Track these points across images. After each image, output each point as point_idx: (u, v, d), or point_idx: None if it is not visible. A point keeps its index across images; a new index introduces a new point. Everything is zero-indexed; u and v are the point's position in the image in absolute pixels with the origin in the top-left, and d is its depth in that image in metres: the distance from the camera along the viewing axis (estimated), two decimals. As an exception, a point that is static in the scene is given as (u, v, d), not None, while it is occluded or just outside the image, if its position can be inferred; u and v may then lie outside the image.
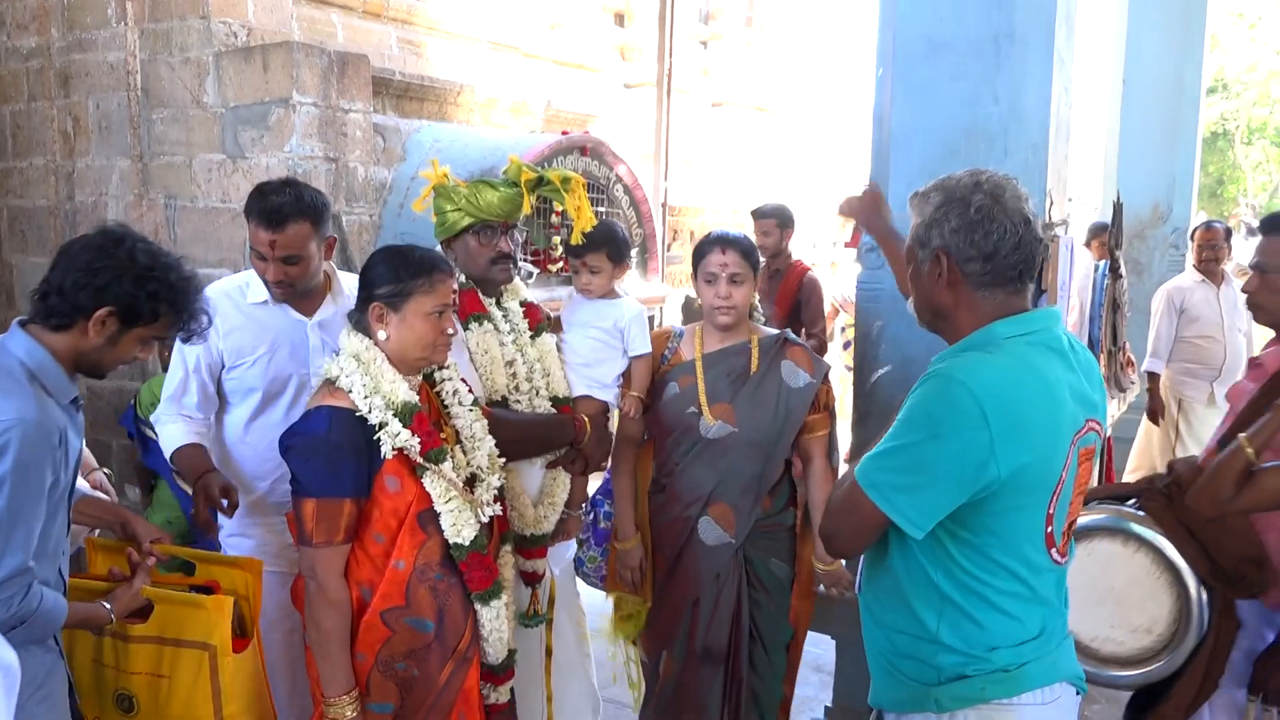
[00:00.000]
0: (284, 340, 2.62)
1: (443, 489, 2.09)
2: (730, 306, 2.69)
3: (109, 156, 5.05)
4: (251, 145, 4.64)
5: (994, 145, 2.74)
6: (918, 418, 1.64)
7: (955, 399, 1.60)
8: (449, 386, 2.32)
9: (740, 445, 2.69)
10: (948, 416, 1.60)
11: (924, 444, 1.62)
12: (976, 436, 1.58)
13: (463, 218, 2.54)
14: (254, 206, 2.52)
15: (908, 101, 2.84)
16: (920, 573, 1.73)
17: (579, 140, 5.79)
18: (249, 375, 2.59)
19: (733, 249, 2.68)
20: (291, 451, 2.04)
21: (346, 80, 4.76)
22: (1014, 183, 1.73)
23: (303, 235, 2.52)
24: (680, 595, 2.78)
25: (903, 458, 1.64)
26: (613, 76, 8.85)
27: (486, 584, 2.16)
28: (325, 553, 2.01)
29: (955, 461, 1.59)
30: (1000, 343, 1.69)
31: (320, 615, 2.02)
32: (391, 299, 2.11)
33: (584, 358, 2.77)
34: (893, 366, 2.95)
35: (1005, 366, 1.64)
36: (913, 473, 1.62)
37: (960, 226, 1.69)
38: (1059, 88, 2.79)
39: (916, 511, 1.63)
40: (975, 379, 1.60)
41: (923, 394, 1.66)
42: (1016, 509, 1.66)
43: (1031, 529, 1.69)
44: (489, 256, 2.57)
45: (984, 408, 1.58)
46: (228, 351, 2.58)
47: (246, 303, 2.62)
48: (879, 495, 1.65)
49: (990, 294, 1.72)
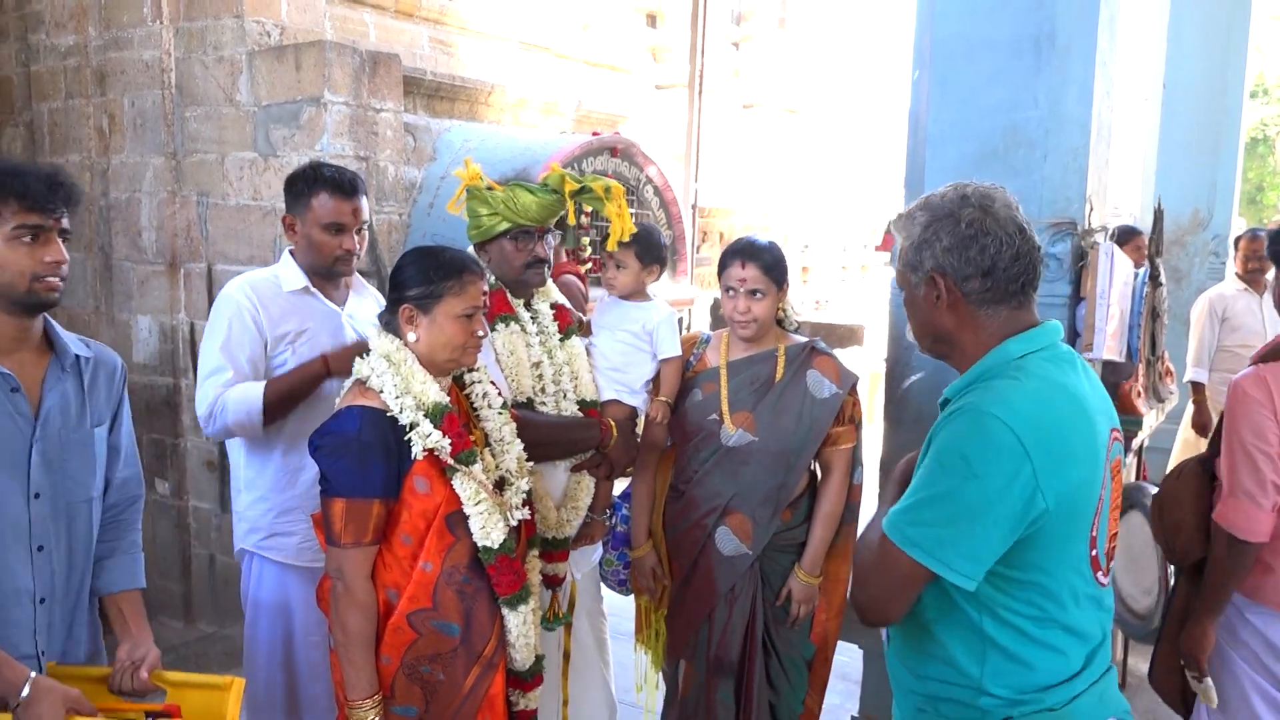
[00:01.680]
0: (322, 328, 2.64)
1: (472, 491, 2.08)
2: (749, 321, 2.67)
3: (143, 154, 5.09)
4: (283, 144, 4.67)
5: (1034, 149, 2.70)
6: (951, 460, 1.53)
7: (991, 434, 1.50)
8: (479, 389, 2.31)
9: (760, 455, 2.66)
10: (985, 454, 1.50)
11: (963, 487, 1.51)
12: (1019, 470, 1.49)
13: (499, 222, 2.53)
14: (321, 179, 2.59)
15: (944, 103, 2.81)
16: (960, 619, 1.63)
17: (609, 141, 5.78)
18: (291, 362, 2.60)
19: (754, 263, 2.64)
20: (321, 450, 2.04)
21: (378, 80, 4.78)
22: (1002, 191, 1.66)
23: (367, 207, 2.66)
24: (696, 605, 2.76)
25: (941, 506, 1.54)
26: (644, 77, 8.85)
27: (515, 588, 2.16)
28: (353, 553, 2.01)
29: (1000, 500, 1.50)
30: (1019, 364, 1.60)
31: (346, 617, 2.02)
32: (421, 301, 2.11)
33: (612, 361, 2.75)
34: (925, 373, 2.92)
35: (1035, 391, 1.56)
36: (955, 521, 1.52)
37: (953, 244, 1.62)
38: (1101, 90, 2.74)
39: (965, 561, 1.53)
40: (1008, 409, 1.51)
41: (952, 433, 1.56)
42: (1063, 538, 1.58)
43: (1078, 556, 1.62)
44: (524, 261, 2.57)
45: (1022, 439, 1.49)
46: (272, 339, 2.59)
47: (284, 291, 2.64)
48: (920, 551, 1.54)
49: (994, 311, 1.64)
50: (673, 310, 2.85)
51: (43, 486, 1.93)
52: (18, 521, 1.91)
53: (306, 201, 2.60)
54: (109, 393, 2.08)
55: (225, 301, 2.60)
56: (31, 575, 1.94)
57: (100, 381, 2.06)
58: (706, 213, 8.83)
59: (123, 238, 5.14)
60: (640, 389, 2.78)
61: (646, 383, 2.79)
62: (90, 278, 5.23)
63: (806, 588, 2.72)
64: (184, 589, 5.04)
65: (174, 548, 5.00)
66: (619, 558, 2.93)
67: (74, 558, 2.02)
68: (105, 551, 2.12)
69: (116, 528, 2.15)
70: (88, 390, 2.02)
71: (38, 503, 1.93)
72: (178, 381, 4.97)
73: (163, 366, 5.01)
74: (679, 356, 2.79)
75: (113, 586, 2.12)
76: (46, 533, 1.95)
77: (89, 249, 5.24)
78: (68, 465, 1.98)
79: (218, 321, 2.59)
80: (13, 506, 1.91)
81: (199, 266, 4.92)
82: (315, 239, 2.60)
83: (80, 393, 2.01)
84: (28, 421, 1.92)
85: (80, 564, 2.04)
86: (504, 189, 2.55)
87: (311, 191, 2.60)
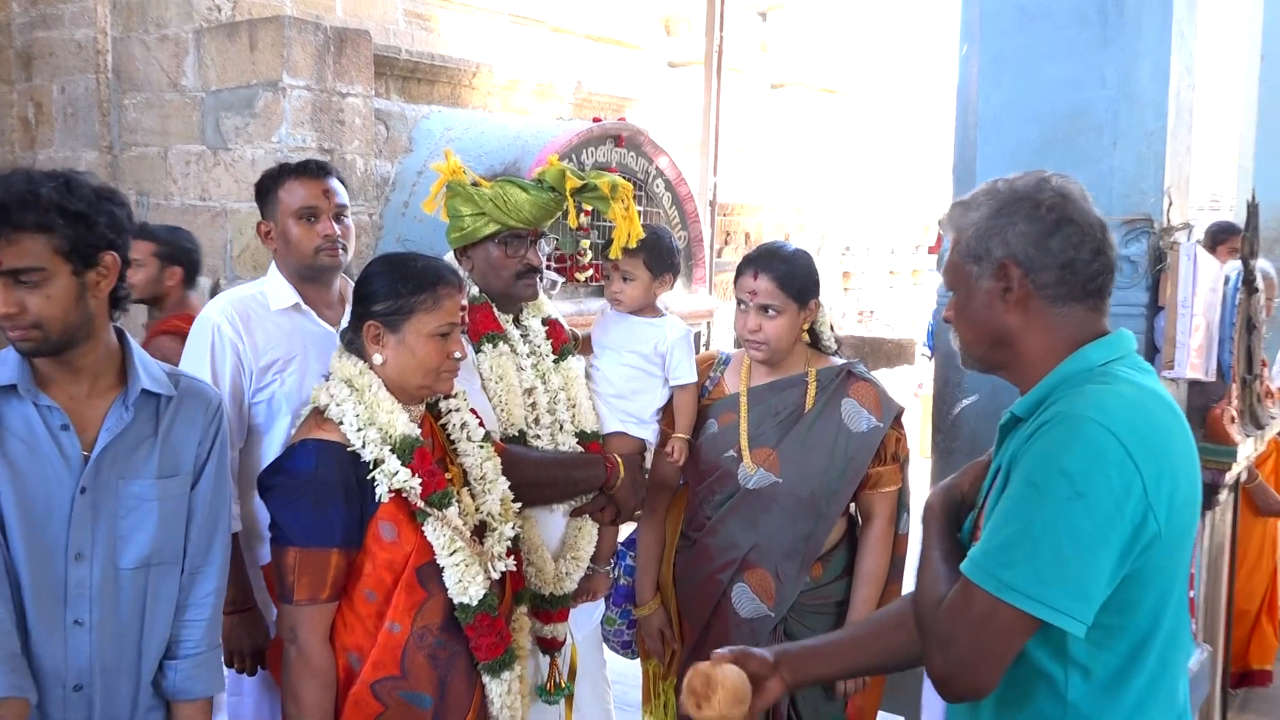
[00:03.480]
0: (314, 351, 2.63)
1: (447, 539, 2.09)
2: (760, 342, 2.64)
3: (74, 147, 5.16)
4: (235, 135, 4.72)
5: (1101, 134, 2.70)
6: (1048, 479, 1.49)
7: (1095, 443, 1.48)
8: (456, 419, 2.32)
9: (785, 499, 2.65)
10: (1091, 467, 1.47)
11: (1067, 510, 1.47)
12: (1130, 486, 1.47)
13: (485, 224, 2.52)
14: (286, 169, 2.68)
15: (997, 82, 2.82)
16: (1036, 681, 1.60)
17: (613, 128, 5.81)
18: (278, 394, 2.61)
19: (767, 274, 2.62)
20: (272, 492, 2.05)
21: (345, 60, 4.84)
22: (1080, 185, 1.67)
23: (344, 191, 2.72)
24: None
25: (1042, 538, 1.48)
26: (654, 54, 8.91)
27: (497, 652, 2.16)
28: (308, 612, 2.02)
29: (1111, 523, 1.46)
30: (1104, 370, 1.60)
31: (300, 686, 2.03)
32: (389, 317, 2.12)
33: (617, 388, 2.74)
34: (980, 395, 2.92)
35: (1131, 396, 1.54)
36: (1060, 552, 1.47)
37: (1031, 230, 1.61)
38: (1179, 66, 2.75)
39: (1077, 601, 1.47)
40: (1110, 416, 1.49)
41: (1046, 446, 1.52)
42: (1169, 571, 1.56)
43: (1179, 596, 1.59)
44: (515, 270, 2.56)
45: (1129, 449, 1.47)
46: (257, 370, 2.59)
47: (271, 311, 2.65)
48: (1021, 596, 1.47)
49: (1068, 311, 1.63)
50: (689, 328, 2.84)
51: (85, 546, 1.86)
52: (52, 587, 1.84)
53: (274, 196, 2.66)
54: (192, 437, 2.00)
55: (203, 326, 2.59)
56: (64, 655, 1.86)
57: (182, 423, 1.99)
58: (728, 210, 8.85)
59: (51, 245, 5.19)
60: (650, 419, 2.77)
61: (657, 412, 2.78)
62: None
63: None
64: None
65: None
66: (621, 615, 2.93)
67: (125, 639, 1.93)
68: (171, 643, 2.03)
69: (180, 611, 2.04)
70: (163, 433, 1.95)
71: (78, 566, 1.86)
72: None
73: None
74: (695, 382, 2.78)
75: (171, 690, 2.01)
76: (86, 604, 1.88)
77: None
78: (121, 523, 1.90)
79: (197, 351, 2.58)
80: (46, 568, 1.84)
81: (138, 278, 4.96)
82: (290, 234, 2.63)
83: (153, 435, 1.94)
84: (74, 466, 1.86)
85: (133, 647, 1.94)
86: (492, 185, 2.55)
87: (278, 185, 2.66)
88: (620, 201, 2.61)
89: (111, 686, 1.92)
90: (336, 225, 2.66)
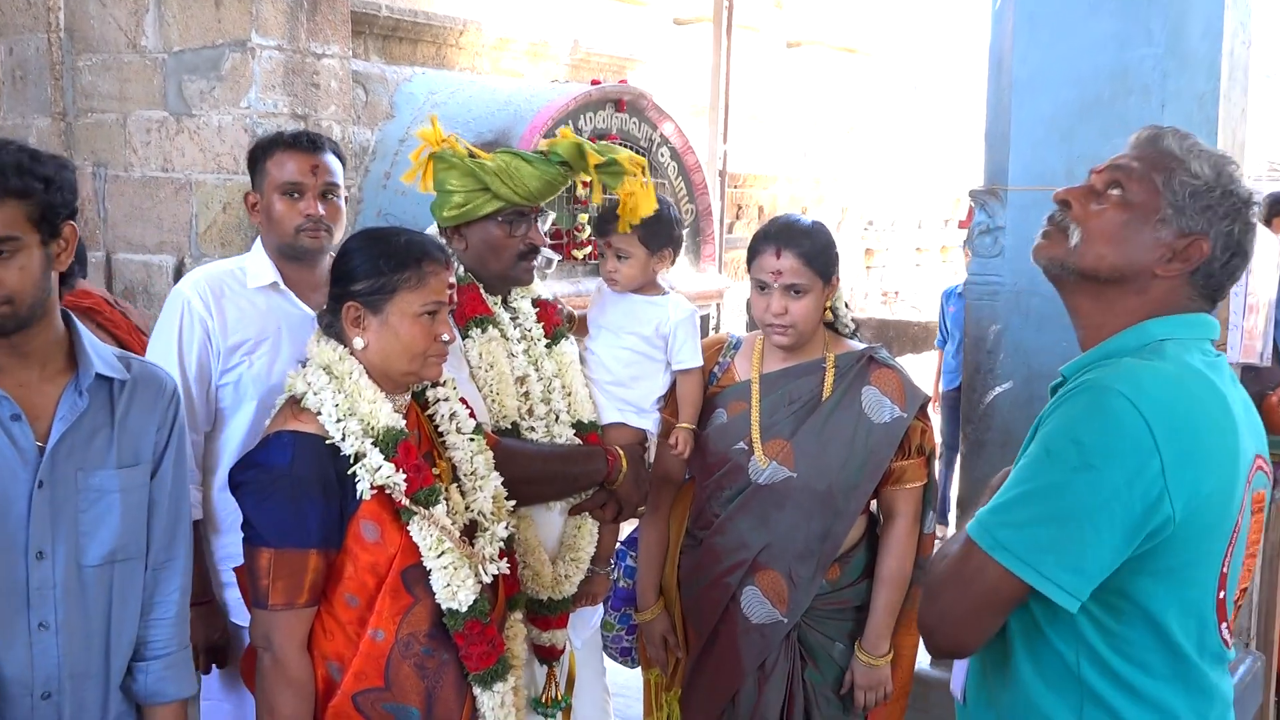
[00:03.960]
0: (288, 334, 2.67)
1: (434, 540, 2.10)
2: (786, 326, 2.65)
3: (24, 113, 5.16)
4: (200, 99, 4.72)
5: (1148, 97, 2.72)
6: (1061, 446, 1.58)
7: (1115, 416, 1.55)
8: (445, 409, 2.33)
9: (800, 495, 2.66)
10: (1106, 439, 1.55)
11: (1073, 479, 1.56)
12: (1146, 464, 1.53)
13: (487, 201, 2.50)
14: (278, 140, 2.71)
15: (1034, 40, 2.83)
16: (1053, 661, 1.67)
17: (613, 92, 5.80)
18: (246, 377, 2.64)
19: (792, 250, 2.62)
20: (244, 488, 2.07)
21: (319, 18, 4.83)
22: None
23: (338, 168, 2.73)
24: (716, 684, 2.77)
25: (1043, 502, 1.58)
26: (659, 10, 8.88)
27: (488, 662, 2.17)
28: (284, 618, 2.03)
29: (1118, 499, 1.53)
30: (1156, 346, 1.66)
31: (275, 697, 2.04)
32: (370, 297, 2.13)
33: (615, 374, 2.75)
34: (1015, 383, 2.93)
35: (1175, 376, 1.61)
36: (1059, 521, 1.56)
37: (1235, 231, 1.70)
38: (1234, 21, 2.75)
39: (1070, 573, 1.56)
40: (1139, 390, 1.56)
41: (1067, 413, 1.61)
42: (1188, 564, 1.61)
43: (1203, 593, 1.65)
44: (517, 250, 2.56)
45: (1152, 426, 1.53)
46: (226, 349, 2.63)
47: (248, 289, 2.69)
48: (1011, 557, 1.57)
49: (1193, 303, 1.73)
50: (694, 308, 2.84)
51: (46, 544, 1.88)
52: (13, 589, 1.85)
53: (262, 167, 2.70)
54: (150, 424, 2.01)
55: (174, 301, 2.67)
56: (30, 661, 1.87)
57: (139, 409, 2.00)
58: (739, 181, 8.84)
59: None
60: (651, 408, 2.78)
61: (658, 400, 2.79)
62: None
63: (871, 671, 2.72)
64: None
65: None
66: (621, 621, 2.95)
67: (92, 641, 1.94)
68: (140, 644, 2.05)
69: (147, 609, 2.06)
70: (119, 420, 1.96)
71: (40, 565, 1.87)
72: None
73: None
74: (700, 367, 2.78)
75: (143, 694, 2.04)
76: (51, 605, 1.89)
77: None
78: (83, 518, 1.91)
79: (165, 327, 2.64)
80: (6, 569, 1.84)
81: (95, 255, 4.97)
82: (273, 208, 2.67)
83: (109, 424, 1.95)
84: (29, 458, 1.86)
85: (101, 650, 1.96)
86: (494, 157, 2.52)
87: (267, 155, 2.69)
88: (634, 176, 2.60)
89: (81, 692, 1.94)
90: (322, 204, 2.67)
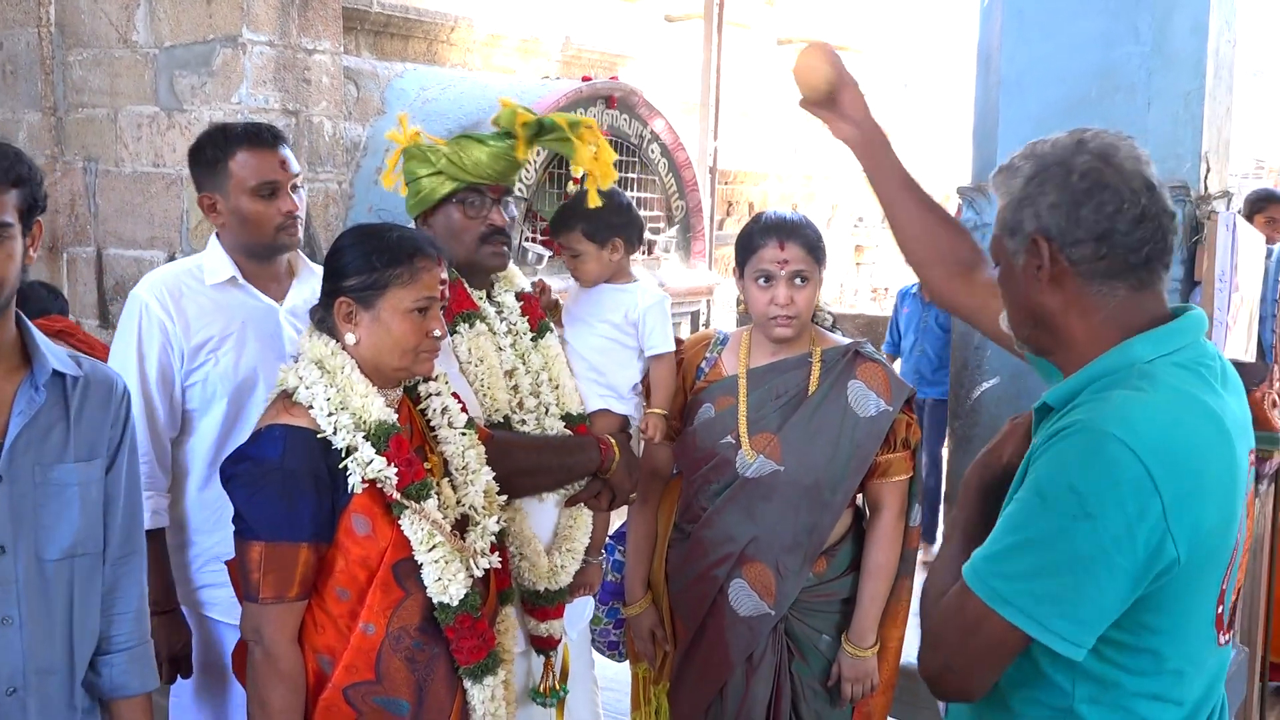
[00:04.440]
0: (252, 328, 2.65)
1: (425, 534, 2.10)
2: (792, 316, 2.65)
3: (15, 108, 5.14)
4: (191, 95, 4.71)
5: (1134, 95, 2.72)
6: (1057, 493, 1.51)
7: (1112, 461, 1.48)
8: (437, 403, 2.33)
9: (786, 488, 2.67)
10: (1104, 486, 1.48)
11: (1072, 529, 1.49)
12: (1146, 510, 1.47)
13: (442, 183, 2.50)
14: (233, 136, 2.65)
15: (1021, 38, 2.83)
16: (1046, 691, 1.63)
17: (604, 88, 5.81)
18: (213, 375, 2.62)
19: (795, 241, 2.64)
20: (235, 481, 2.06)
21: (311, 13, 4.82)
22: (1130, 141, 1.64)
23: (294, 160, 2.70)
24: (704, 676, 2.78)
25: (1042, 553, 1.51)
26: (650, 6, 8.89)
27: (479, 656, 2.17)
28: (275, 611, 2.03)
29: (1119, 548, 1.47)
30: (1145, 370, 1.58)
31: (266, 691, 2.04)
32: (362, 293, 2.13)
33: (590, 361, 2.75)
34: (999, 379, 2.94)
35: (1167, 408, 1.53)
36: (1060, 572, 1.50)
37: (1061, 200, 1.60)
38: (1219, 20, 2.76)
39: (1073, 624, 1.50)
40: (1133, 432, 1.48)
41: (1059, 457, 1.54)
42: (1191, 594, 1.57)
43: (1203, 616, 1.61)
44: (478, 232, 2.53)
45: (1151, 470, 1.47)
46: (189, 350, 2.60)
47: (206, 286, 2.66)
48: (1013, 610, 1.51)
49: (1109, 288, 1.61)
50: (663, 294, 2.83)
51: (7, 538, 1.88)
52: None
53: (223, 168, 2.62)
54: (104, 420, 2.02)
55: (132, 305, 2.63)
56: None
57: (92, 405, 2.00)
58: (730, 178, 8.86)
59: (-9, 215, 5.19)
60: (629, 394, 2.79)
61: (635, 386, 2.80)
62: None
63: (858, 663, 2.72)
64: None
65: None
66: (609, 615, 2.96)
67: (56, 636, 1.95)
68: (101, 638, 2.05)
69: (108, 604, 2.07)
70: (74, 415, 1.96)
71: (2, 560, 1.88)
72: (61, 396, 5.01)
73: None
74: (672, 352, 2.78)
75: (107, 688, 2.05)
76: (14, 600, 1.89)
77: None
78: (43, 512, 1.92)
79: (124, 331, 2.61)
80: None
81: (86, 251, 4.97)
82: (247, 210, 2.61)
83: (65, 419, 1.95)
84: None
85: (65, 645, 1.97)
86: (449, 142, 2.53)
87: (226, 154, 2.62)
88: (585, 141, 2.55)
89: (47, 688, 1.94)
90: (294, 196, 2.66)
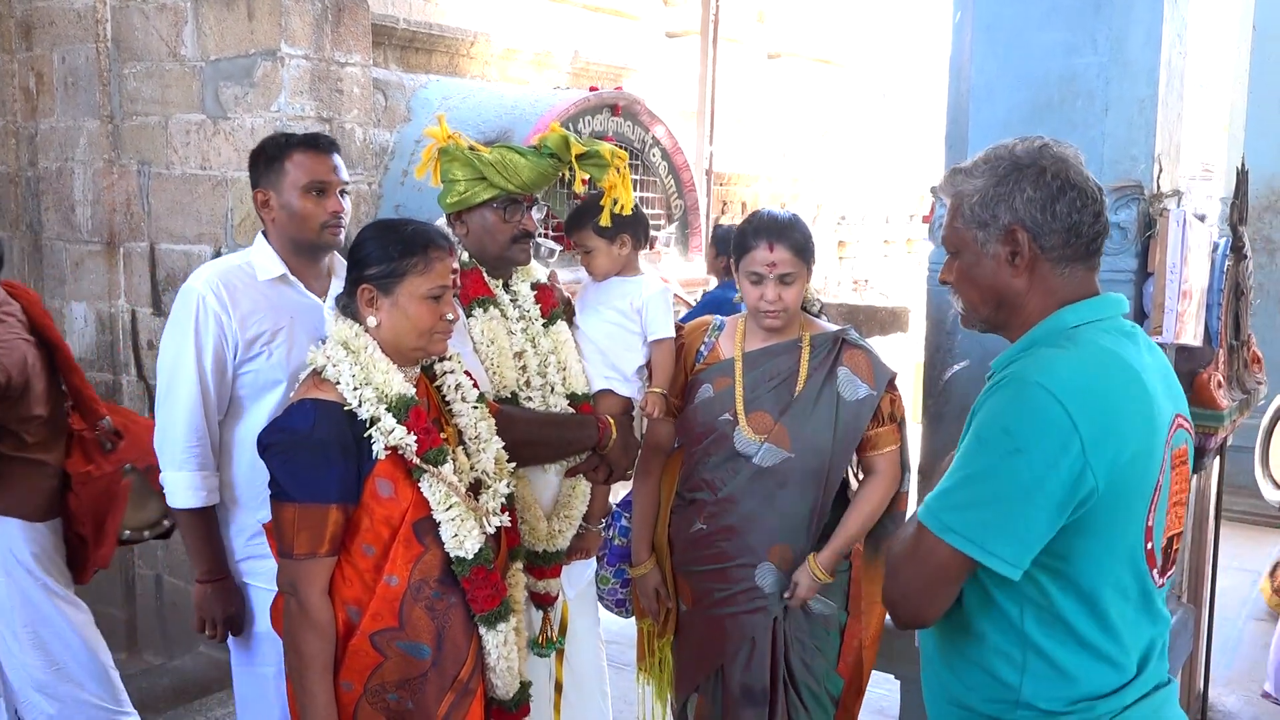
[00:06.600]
0: (300, 323, 2.63)
1: (442, 495, 2.12)
2: (779, 311, 2.67)
3: (75, 117, 5.13)
4: (234, 104, 4.70)
5: (1093, 101, 2.70)
6: (991, 434, 1.63)
7: (1035, 404, 1.59)
8: (451, 380, 2.34)
9: (798, 474, 2.68)
10: (1029, 426, 1.59)
11: (1005, 463, 1.60)
12: (1067, 444, 1.57)
13: (483, 189, 2.55)
14: (291, 141, 2.65)
15: (990, 49, 2.82)
16: (997, 616, 1.71)
17: (610, 98, 5.79)
18: (268, 367, 2.60)
19: (783, 244, 2.64)
20: (271, 450, 2.08)
21: (343, 29, 4.81)
22: (1075, 150, 1.76)
23: (344, 168, 2.69)
24: (709, 630, 2.79)
25: (981, 486, 1.63)
26: (652, 23, 8.85)
27: (493, 604, 2.19)
28: (308, 566, 2.05)
29: (1047, 477, 1.58)
30: (1069, 333, 1.70)
31: (300, 638, 2.06)
32: (382, 281, 2.15)
33: (599, 344, 2.78)
34: (971, 361, 2.93)
35: (1085, 359, 1.65)
36: (997, 501, 1.61)
37: (1037, 196, 1.70)
38: (1171, 32, 2.75)
39: (1010, 546, 1.60)
40: (1054, 378, 1.60)
41: (994, 405, 1.66)
42: (1114, 524, 1.65)
43: (1131, 547, 1.68)
44: (511, 234, 2.59)
45: (1070, 410, 1.58)
46: (243, 342, 2.57)
47: (258, 282, 2.63)
48: (958, 537, 1.62)
49: (1070, 271, 1.73)
50: (666, 286, 2.86)
51: None
52: None
53: (280, 167, 2.61)
54: None
55: (187, 297, 2.57)
56: None
57: None
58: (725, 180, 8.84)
59: (53, 213, 5.19)
60: (633, 377, 2.80)
61: (639, 370, 2.81)
62: (17, 259, 5.28)
63: (813, 585, 2.71)
64: (127, 615, 5.10)
65: (115, 568, 5.05)
66: (616, 575, 2.96)
67: None
68: None
69: None
70: None
71: None
72: (118, 378, 5.02)
73: (101, 360, 5.06)
74: (672, 338, 2.80)
75: None
76: None
77: (15, 226, 5.29)
78: None
79: (180, 321, 2.56)
80: None
81: (140, 246, 4.96)
82: (296, 207, 2.60)
83: None
84: None
85: None
86: (491, 150, 2.57)
87: (285, 154, 2.62)
88: (617, 170, 2.63)
89: None
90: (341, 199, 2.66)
